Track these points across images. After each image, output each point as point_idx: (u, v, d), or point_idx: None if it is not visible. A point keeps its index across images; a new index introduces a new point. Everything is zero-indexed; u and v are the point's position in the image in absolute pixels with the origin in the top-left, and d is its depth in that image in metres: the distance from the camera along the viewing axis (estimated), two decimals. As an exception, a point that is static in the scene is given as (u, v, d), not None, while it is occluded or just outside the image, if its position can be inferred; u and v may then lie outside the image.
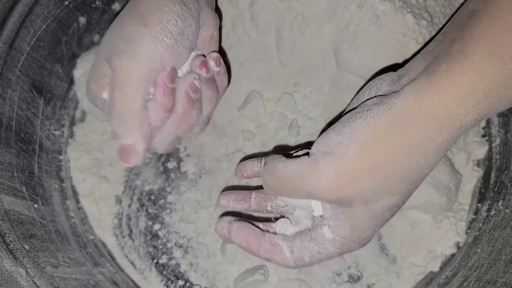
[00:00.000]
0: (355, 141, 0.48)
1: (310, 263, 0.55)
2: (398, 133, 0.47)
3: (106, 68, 0.56)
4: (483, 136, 0.71)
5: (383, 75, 0.54)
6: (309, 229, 0.55)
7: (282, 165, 0.52)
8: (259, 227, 0.59)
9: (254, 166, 0.58)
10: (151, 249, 0.70)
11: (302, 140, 0.72)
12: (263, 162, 0.57)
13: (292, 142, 0.72)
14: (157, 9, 0.55)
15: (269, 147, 0.72)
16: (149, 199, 0.72)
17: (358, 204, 0.49)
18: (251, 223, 0.59)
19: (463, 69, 0.46)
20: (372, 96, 0.52)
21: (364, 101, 0.52)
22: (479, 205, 0.69)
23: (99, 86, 0.56)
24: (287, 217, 0.58)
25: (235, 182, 0.71)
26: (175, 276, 0.69)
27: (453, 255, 0.67)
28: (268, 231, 0.58)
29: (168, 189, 0.72)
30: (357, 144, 0.48)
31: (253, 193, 0.60)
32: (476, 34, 0.47)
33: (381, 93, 0.52)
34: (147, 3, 0.56)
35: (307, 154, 0.52)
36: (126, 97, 0.54)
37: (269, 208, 0.59)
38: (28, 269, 0.56)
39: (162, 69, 0.55)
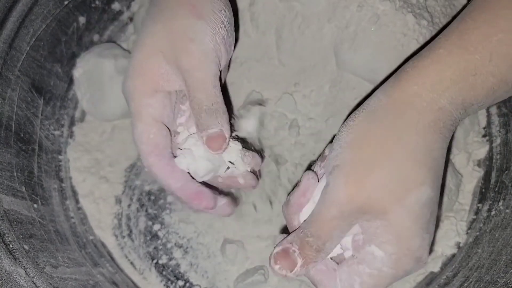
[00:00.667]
0: (345, 147, 0.48)
1: (365, 286, 0.48)
2: (378, 122, 0.48)
3: (160, 65, 0.54)
4: (484, 136, 0.71)
5: None
6: (353, 254, 0.49)
7: (310, 215, 0.50)
8: None
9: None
10: (151, 249, 0.70)
11: (302, 140, 0.71)
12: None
13: (292, 141, 0.72)
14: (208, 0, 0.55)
15: (269, 147, 0.72)
16: (149, 199, 0.72)
17: (391, 203, 0.46)
18: None
19: (428, 61, 0.48)
20: None
21: None
22: (479, 205, 0.68)
23: (149, 84, 0.54)
24: None
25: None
26: (175, 276, 0.69)
27: (453, 255, 0.67)
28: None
29: (168, 189, 0.72)
30: (348, 148, 0.48)
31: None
32: (445, 33, 0.50)
33: None
34: None
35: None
36: (210, 94, 0.53)
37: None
38: (28, 269, 0.56)
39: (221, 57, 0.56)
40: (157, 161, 0.54)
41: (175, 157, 0.56)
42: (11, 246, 0.56)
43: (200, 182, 0.56)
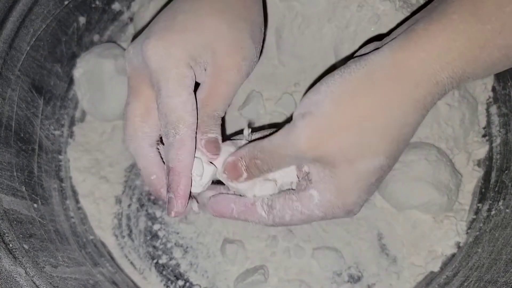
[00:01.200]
0: (330, 97, 0.48)
1: (289, 222, 0.53)
2: (373, 87, 0.47)
3: (209, 58, 0.53)
4: (484, 136, 0.71)
5: (370, 44, 0.54)
6: (294, 191, 0.53)
7: (267, 141, 0.51)
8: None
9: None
10: (151, 249, 0.70)
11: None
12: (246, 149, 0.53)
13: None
14: (258, 24, 0.57)
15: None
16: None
17: (342, 162, 0.48)
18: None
19: (441, 26, 0.46)
20: None
21: None
22: (479, 205, 0.68)
23: (189, 59, 0.52)
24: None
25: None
26: (175, 276, 0.68)
27: (453, 255, 0.67)
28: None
29: (168, 189, 0.72)
30: (332, 99, 0.48)
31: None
32: None
33: None
34: (255, 13, 0.57)
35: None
36: (212, 105, 0.53)
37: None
38: (27, 269, 0.56)
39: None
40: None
41: None
42: (11, 245, 0.56)
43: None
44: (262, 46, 0.64)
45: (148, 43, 0.51)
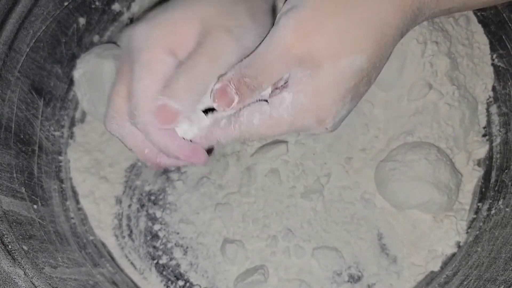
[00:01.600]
0: None
1: (257, 130, 0.49)
2: None
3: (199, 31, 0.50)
4: (484, 135, 0.71)
5: None
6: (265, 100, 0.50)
7: (252, 53, 0.49)
8: None
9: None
10: (151, 249, 0.70)
11: (302, 139, 0.71)
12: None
13: (292, 141, 0.71)
14: (262, 10, 0.55)
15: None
16: (149, 199, 0.72)
17: (327, 59, 0.46)
18: None
19: None
20: None
21: None
22: (479, 204, 0.68)
23: (172, 46, 0.49)
24: None
25: (235, 182, 0.71)
26: (175, 276, 0.69)
27: (453, 255, 0.67)
28: None
29: (168, 189, 0.72)
30: None
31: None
32: None
33: None
34: None
35: None
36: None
37: None
38: (27, 270, 0.56)
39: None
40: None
41: None
42: (10, 246, 0.57)
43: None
44: None
45: (135, 25, 0.50)
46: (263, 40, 0.49)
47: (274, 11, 0.57)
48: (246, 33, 0.50)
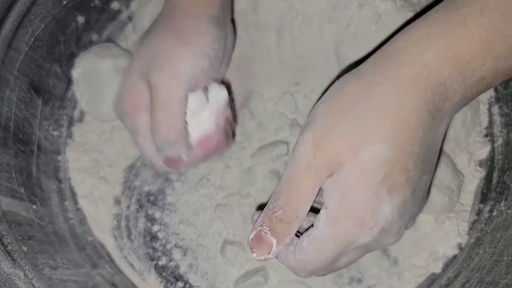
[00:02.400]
0: (325, 99, 0.49)
1: (308, 254, 0.48)
2: (357, 77, 0.48)
3: (142, 86, 0.57)
4: (485, 136, 0.71)
5: None
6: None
7: (278, 184, 0.49)
8: None
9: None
10: (150, 250, 0.70)
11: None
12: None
13: (292, 142, 0.71)
14: (198, 30, 0.57)
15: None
16: (148, 200, 0.71)
17: (348, 156, 0.45)
18: None
19: (420, 20, 0.48)
20: None
21: None
22: (481, 205, 0.68)
23: (136, 105, 0.59)
24: None
25: (235, 183, 0.71)
26: (174, 277, 0.68)
27: (455, 256, 0.67)
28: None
29: (168, 190, 0.72)
30: (324, 102, 0.48)
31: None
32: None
33: None
34: (187, 21, 0.58)
35: None
36: (170, 118, 0.56)
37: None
38: (26, 271, 0.56)
39: (195, 88, 0.58)
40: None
41: None
42: (9, 247, 0.56)
43: None
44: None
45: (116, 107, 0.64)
46: (286, 167, 0.48)
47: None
48: (181, 60, 0.56)
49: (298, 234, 0.50)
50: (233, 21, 0.70)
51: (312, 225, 0.48)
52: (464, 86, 0.47)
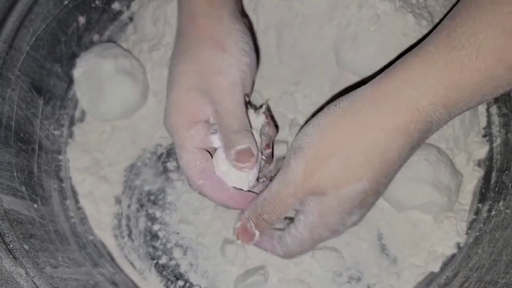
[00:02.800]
0: (317, 129, 0.53)
1: (291, 248, 0.57)
2: (354, 114, 0.51)
3: (197, 101, 0.58)
4: (484, 136, 0.71)
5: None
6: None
7: (266, 192, 0.57)
8: None
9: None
10: (150, 249, 0.70)
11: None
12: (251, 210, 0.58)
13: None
14: (226, 31, 0.59)
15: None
16: (149, 199, 0.72)
17: (330, 190, 0.52)
18: None
19: (417, 58, 0.50)
20: None
21: None
22: (479, 205, 0.68)
23: (188, 121, 0.59)
24: None
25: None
26: (175, 276, 0.68)
27: (453, 256, 0.67)
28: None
29: (168, 189, 0.72)
30: (318, 131, 0.52)
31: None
32: (436, 31, 0.52)
33: None
34: (213, 25, 0.59)
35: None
36: (238, 119, 0.58)
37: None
38: (28, 269, 0.56)
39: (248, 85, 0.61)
40: (206, 182, 0.59)
41: None
42: (11, 246, 0.56)
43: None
44: (257, 52, 0.68)
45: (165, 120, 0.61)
46: (276, 179, 0.56)
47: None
48: (230, 69, 0.58)
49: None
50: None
51: (292, 219, 0.58)
52: (448, 119, 0.52)
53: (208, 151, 0.60)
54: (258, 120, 0.62)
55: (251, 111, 0.61)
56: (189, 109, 0.59)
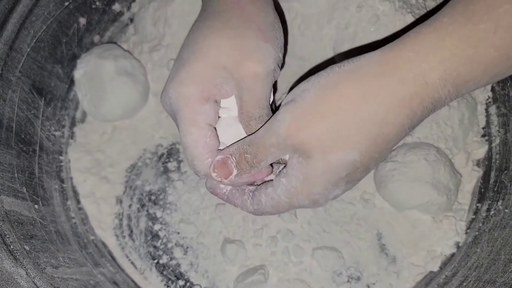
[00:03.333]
0: (316, 86, 0.49)
1: (264, 208, 0.54)
2: (357, 80, 0.48)
3: (221, 76, 0.55)
4: (483, 136, 0.71)
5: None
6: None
7: (253, 134, 0.53)
8: None
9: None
10: (151, 249, 0.70)
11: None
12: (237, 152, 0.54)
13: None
14: (270, 24, 0.57)
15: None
16: (150, 199, 0.72)
17: (316, 152, 0.48)
18: None
19: (431, 29, 0.47)
20: None
21: None
22: (478, 205, 0.69)
23: (204, 94, 0.54)
24: None
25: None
26: (175, 276, 0.69)
27: (452, 255, 0.67)
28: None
29: (169, 189, 0.72)
30: (316, 89, 0.49)
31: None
32: (451, 3, 0.48)
33: None
34: (260, 15, 0.57)
35: None
36: (263, 108, 0.55)
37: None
38: (29, 270, 0.56)
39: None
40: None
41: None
42: (12, 247, 0.57)
43: None
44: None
45: (165, 89, 0.55)
46: (264, 125, 0.53)
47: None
48: (270, 57, 0.55)
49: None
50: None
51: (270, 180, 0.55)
52: (455, 98, 0.48)
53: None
54: None
55: None
56: (210, 84, 0.54)
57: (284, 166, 0.53)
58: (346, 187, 0.53)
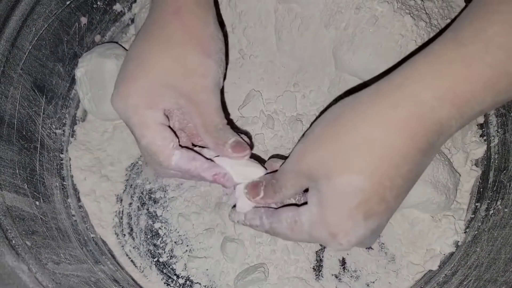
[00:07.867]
0: (323, 119, 0.52)
1: (285, 229, 0.54)
2: (352, 108, 0.50)
3: (165, 92, 0.57)
4: (482, 136, 0.72)
5: None
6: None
7: (282, 163, 0.56)
8: None
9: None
10: (151, 247, 0.70)
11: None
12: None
13: (294, 139, 0.72)
14: (212, 37, 0.60)
15: (269, 148, 0.72)
16: (150, 197, 0.72)
17: (321, 177, 0.49)
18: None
19: (422, 57, 0.48)
20: None
21: None
22: (477, 204, 0.69)
23: (150, 103, 0.56)
24: None
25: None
26: (175, 274, 0.69)
27: (452, 254, 0.68)
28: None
29: (169, 188, 0.72)
30: (322, 121, 0.52)
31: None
32: (444, 33, 0.49)
33: None
34: (201, 28, 0.59)
35: None
36: (221, 117, 0.59)
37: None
38: (30, 265, 0.56)
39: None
40: (182, 154, 0.57)
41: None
42: (13, 241, 0.57)
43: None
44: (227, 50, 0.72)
45: (112, 99, 0.58)
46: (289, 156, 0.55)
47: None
48: (211, 74, 0.58)
49: None
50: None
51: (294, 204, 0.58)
52: (461, 121, 0.48)
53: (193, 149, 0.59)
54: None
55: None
56: (156, 97, 0.56)
57: None
58: (367, 225, 0.49)
